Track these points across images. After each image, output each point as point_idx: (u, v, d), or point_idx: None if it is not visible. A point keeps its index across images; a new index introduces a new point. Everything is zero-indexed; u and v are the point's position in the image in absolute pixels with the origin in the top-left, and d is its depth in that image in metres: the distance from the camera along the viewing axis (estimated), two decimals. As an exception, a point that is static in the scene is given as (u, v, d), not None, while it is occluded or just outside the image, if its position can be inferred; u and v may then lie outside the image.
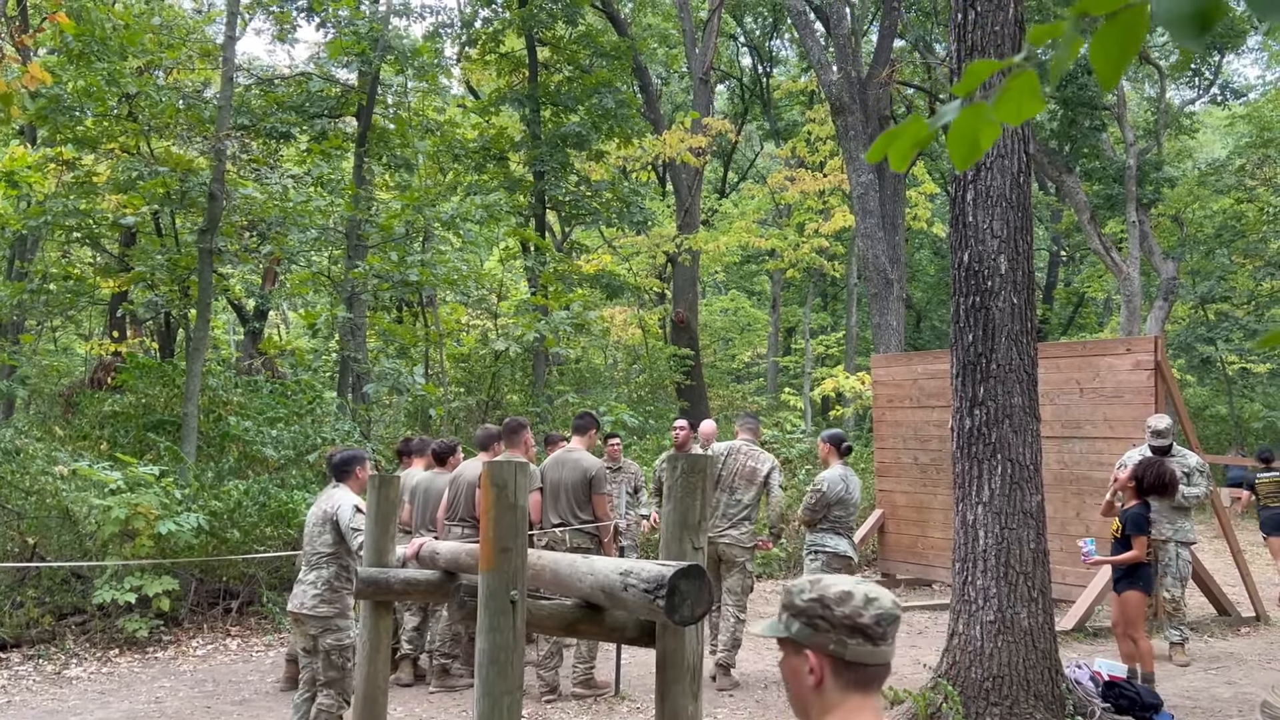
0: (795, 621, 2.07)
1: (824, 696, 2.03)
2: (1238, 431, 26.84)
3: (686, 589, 3.48)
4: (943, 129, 1.49)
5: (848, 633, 2.03)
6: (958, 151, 1.48)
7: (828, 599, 2.05)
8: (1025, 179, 6.84)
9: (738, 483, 8.39)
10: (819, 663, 2.03)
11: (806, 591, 2.08)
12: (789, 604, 2.10)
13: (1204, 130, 35.25)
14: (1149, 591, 7.62)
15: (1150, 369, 10.01)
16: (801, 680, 2.06)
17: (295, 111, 16.51)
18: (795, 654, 2.07)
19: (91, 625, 9.55)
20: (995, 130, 1.43)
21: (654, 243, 22.80)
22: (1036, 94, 1.38)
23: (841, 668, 2.03)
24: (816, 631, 2.04)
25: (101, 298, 18.54)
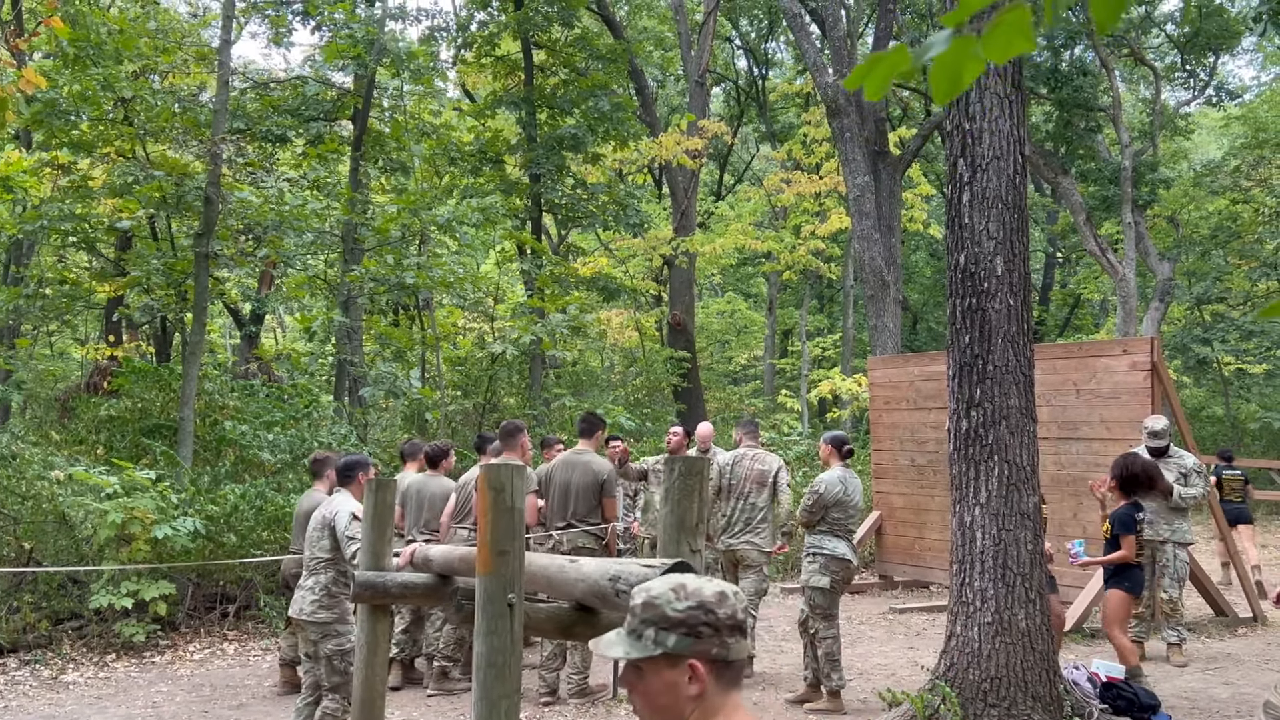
0: (670, 635, 1.98)
1: (706, 703, 1.98)
2: (1234, 432, 26.87)
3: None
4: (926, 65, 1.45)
5: (730, 632, 2.00)
6: (940, 85, 1.41)
7: (708, 603, 2.00)
8: (1021, 181, 6.84)
9: (749, 487, 8.46)
10: (703, 670, 1.97)
11: (677, 600, 2.01)
12: (659, 617, 2.00)
13: (1199, 131, 35.29)
14: (1136, 593, 7.57)
15: (1146, 370, 10.01)
16: (679, 693, 1.98)
17: (291, 115, 16.50)
18: (669, 667, 1.98)
19: (88, 630, 9.54)
20: (979, 65, 1.37)
21: (650, 245, 22.80)
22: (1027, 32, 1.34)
23: (723, 669, 2.00)
24: (699, 639, 1.98)
25: (97, 302, 18.53)
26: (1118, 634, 7.51)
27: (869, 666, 8.93)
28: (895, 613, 11.55)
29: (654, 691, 1.99)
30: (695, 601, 2.00)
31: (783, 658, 9.23)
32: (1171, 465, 8.93)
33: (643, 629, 2.00)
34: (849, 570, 7.66)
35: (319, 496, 8.32)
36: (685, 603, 2.00)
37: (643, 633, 2.00)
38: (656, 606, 2.01)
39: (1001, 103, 6.75)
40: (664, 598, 2.01)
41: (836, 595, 7.61)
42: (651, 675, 2.00)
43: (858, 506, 7.73)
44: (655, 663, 1.99)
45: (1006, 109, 6.76)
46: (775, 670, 8.78)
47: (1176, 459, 9.00)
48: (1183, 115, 30.38)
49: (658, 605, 2.01)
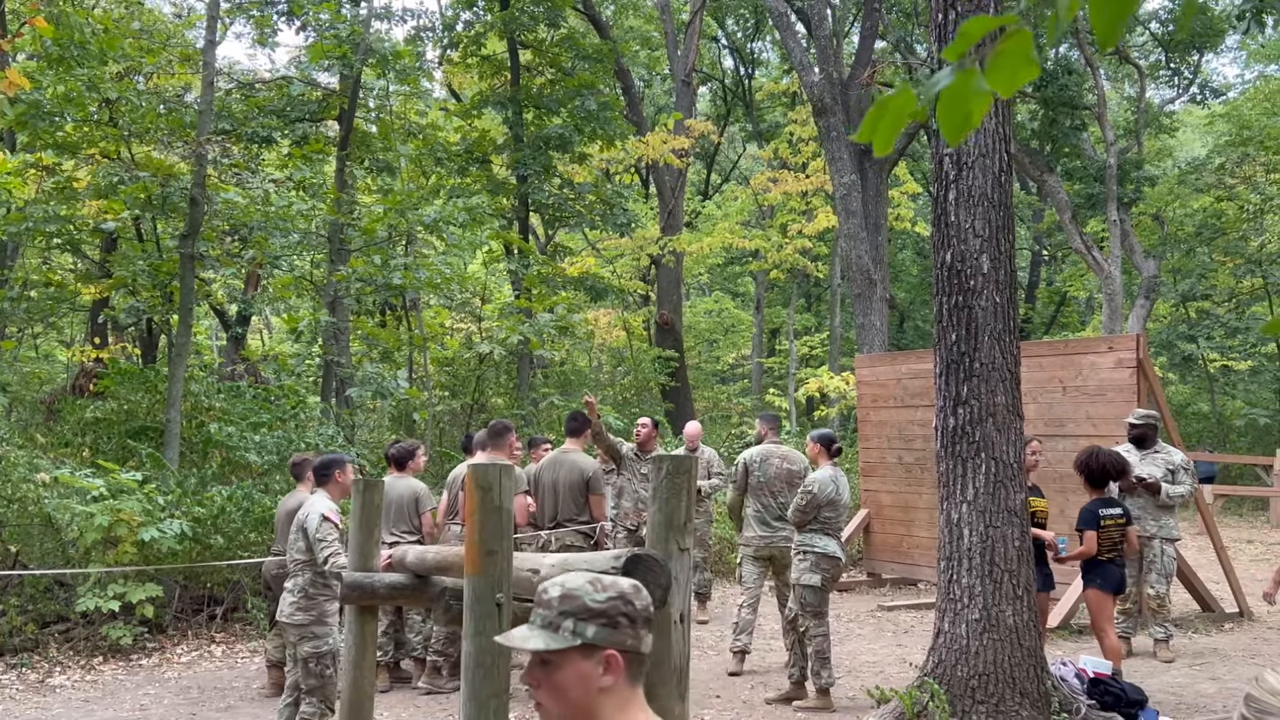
0: (589, 625, 2.00)
1: (615, 695, 2.00)
2: (1220, 429, 26.99)
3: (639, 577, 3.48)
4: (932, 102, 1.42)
5: (644, 624, 2.05)
6: (949, 124, 1.38)
7: (627, 594, 2.04)
8: (1007, 178, 6.87)
9: (777, 485, 8.49)
10: (618, 661, 1.99)
11: (595, 592, 2.03)
12: (579, 608, 2.01)
13: (1184, 129, 35.43)
14: (1109, 589, 7.55)
15: (1132, 367, 10.05)
16: (590, 685, 1.99)
17: (276, 116, 16.46)
18: (584, 658, 2.00)
19: (75, 633, 9.50)
20: (987, 100, 1.36)
21: (638, 245, 22.80)
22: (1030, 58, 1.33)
23: (633, 661, 2.03)
24: (617, 629, 2.01)
25: (83, 304, 18.45)
26: (1107, 632, 7.53)
27: (857, 664, 8.95)
28: (883, 610, 11.57)
29: (566, 684, 2.00)
30: (615, 593, 2.03)
31: (770, 656, 9.24)
32: (1159, 461, 8.91)
33: (560, 620, 2.01)
34: (839, 568, 7.69)
35: (301, 497, 8.35)
36: (605, 594, 2.03)
37: (560, 624, 2.00)
38: (576, 598, 2.02)
39: (987, 101, 6.76)
40: (582, 590, 2.03)
41: (827, 593, 7.63)
42: (565, 668, 2.00)
43: (847, 505, 7.75)
44: (569, 655, 2.00)
45: (992, 107, 6.78)
46: (763, 668, 8.79)
47: (1164, 454, 8.98)
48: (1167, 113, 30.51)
49: (577, 597, 2.02)
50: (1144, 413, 9.09)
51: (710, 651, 9.41)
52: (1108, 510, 7.60)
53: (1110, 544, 7.56)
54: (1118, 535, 7.59)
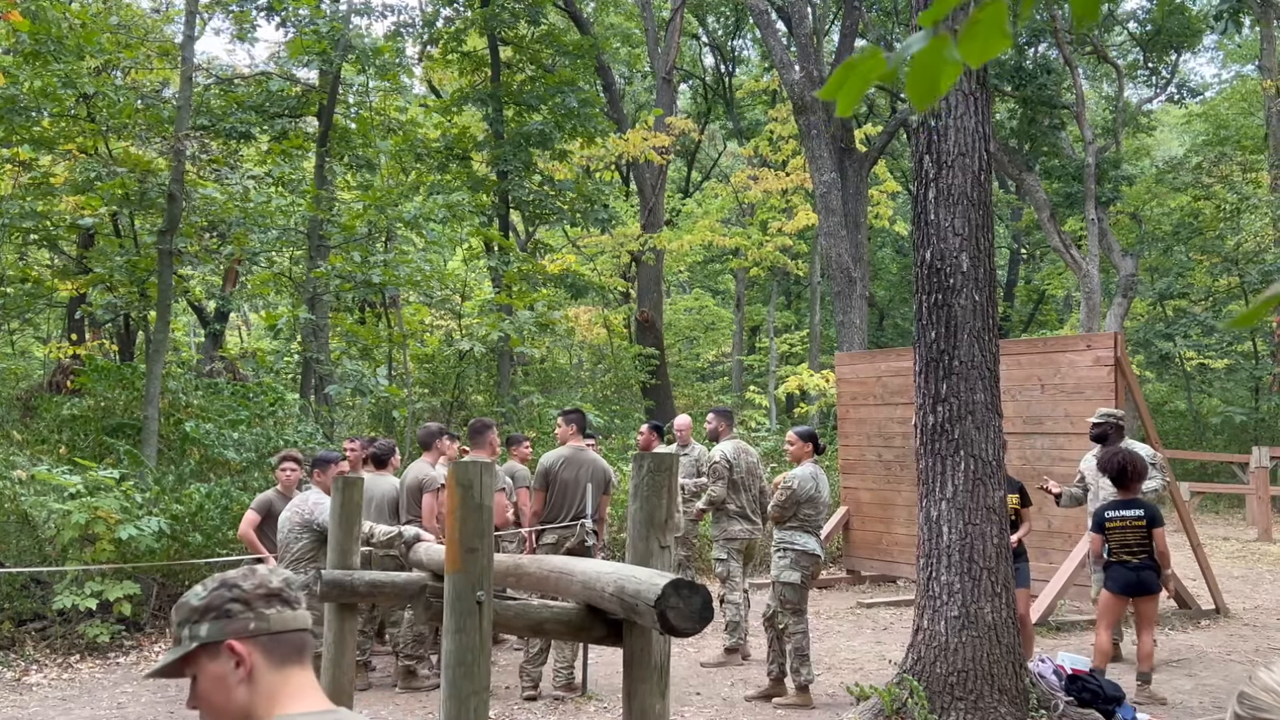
0: (201, 625, 1.87)
1: (260, 685, 1.86)
2: (1196, 426, 27.17)
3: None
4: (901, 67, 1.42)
5: (264, 602, 1.90)
6: (916, 90, 1.38)
7: (231, 580, 1.91)
8: (986, 177, 6.89)
9: (750, 480, 8.88)
10: (245, 648, 1.86)
11: (199, 593, 1.91)
12: (188, 613, 1.89)
13: (1161, 129, 35.65)
14: (1119, 591, 7.53)
15: (1110, 365, 10.10)
16: (228, 683, 1.86)
17: (255, 111, 16.38)
18: (211, 659, 1.86)
19: (52, 631, 9.44)
20: (957, 70, 1.34)
21: (618, 242, 22.80)
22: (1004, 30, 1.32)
23: (270, 644, 1.88)
24: (231, 618, 1.87)
25: (60, 300, 18.34)
26: (1099, 631, 7.60)
27: (837, 661, 8.97)
28: (863, 607, 11.60)
29: (206, 693, 1.88)
30: (215, 586, 1.91)
31: (751, 653, 9.26)
32: None
33: (180, 632, 1.90)
34: (818, 565, 7.71)
35: None
36: (206, 592, 1.91)
37: (180, 635, 1.90)
38: (184, 605, 1.91)
39: (967, 100, 6.79)
40: (190, 595, 1.92)
41: (806, 590, 7.65)
42: (201, 677, 1.89)
43: (826, 503, 7.77)
44: (198, 660, 1.88)
45: (972, 106, 6.81)
46: (743, 665, 8.81)
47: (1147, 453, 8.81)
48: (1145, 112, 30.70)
49: (185, 603, 1.91)
50: (1105, 411, 8.87)
51: (689, 649, 9.42)
52: (1115, 512, 7.58)
53: (1121, 545, 7.56)
54: (1131, 537, 7.54)
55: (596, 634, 4.21)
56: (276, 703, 1.86)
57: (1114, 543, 7.55)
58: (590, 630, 4.22)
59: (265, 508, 8.45)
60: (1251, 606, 11.24)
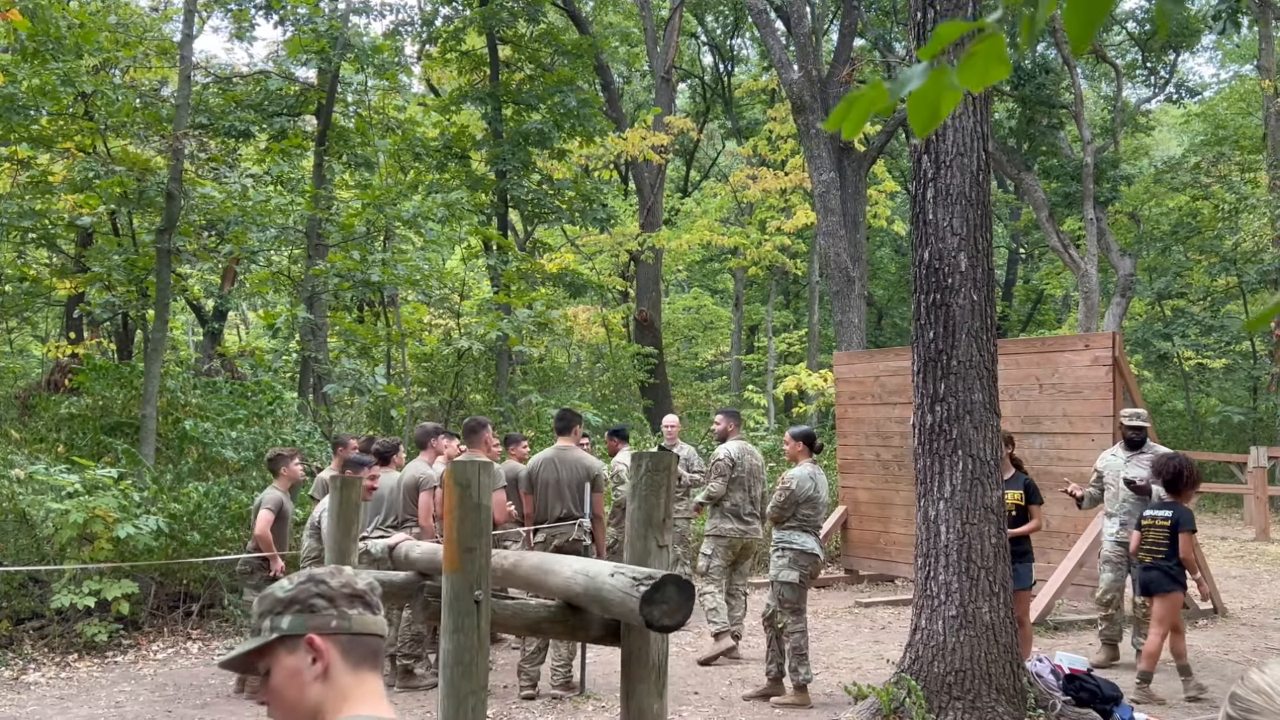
0: (284, 616, 1.86)
1: (334, 684, 1.83)
2: (1194, 426, 27.18)
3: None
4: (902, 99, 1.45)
5: (348, 602, 1.88)
6: (918, 118, 1.41)
7: (318, 575, 1.90)
8: (985, 177, 6.89)
9: (751, 481, 8.97)
10: (324, 644, 1.84)
11: (286, 586, 1.90)
12: (271, 604, 1.88)
13: (1160, 128, 35.65)
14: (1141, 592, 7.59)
15: (1109, 365, 10.11)
16: (303, 678, 1.82)
17: (254, 110, 16.38)
18: (289, 652, 1.84)
19: (49, 630, 9.44)
20: (957, 96, 1.38)
21: (617, 241, 22.79)
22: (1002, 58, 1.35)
23: (349, 644, 1.86)
24: (314, 613, 1.85)
25: (58, 299, 18.33)
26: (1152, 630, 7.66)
27: (835, 660, 8.98)
28: (861, 607, 11.61)
29: (280, 686, 1.85)
30: (304, 577, 1.90)
31: (747, 651, 9.26)
32: (1143, 461, 8.52)
33: (260, 623, 1.88)
34: (817, 565, 7.71)
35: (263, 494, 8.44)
36: (294, 581, 1.90)
37: (260, 627, 1.88)
38: (268, 596, 1.90)
39: (965, 100, 6.79)
40: (276, 587, 1.91)
41: (805, 590, 7.65)
42: (275, 669, 1.86)
43: (825, 503, 7.77)
44: (275, 654, 1.86)
45: (970, 106, 6.81)
46: (741, 665, 8.81)
47: (1151, 455, 8.57)
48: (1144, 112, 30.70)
49: (270, 594, 1.90)
50: (1135, 412, 8.82)
51: (688, 648, 9.42)
52: (1151, 512, 7.65)
53: (1144, 544, 7.61)
54: (1153, 536, 7.59)
55: (594, 633, 4.22)
56: (348, 704, 1.83)
57: (1143, 542, 7.62)
58: (587, 629, 4.23)
59: (279, 506, 8.47)
60: (1249, 606, 11.24)
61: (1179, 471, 7.62)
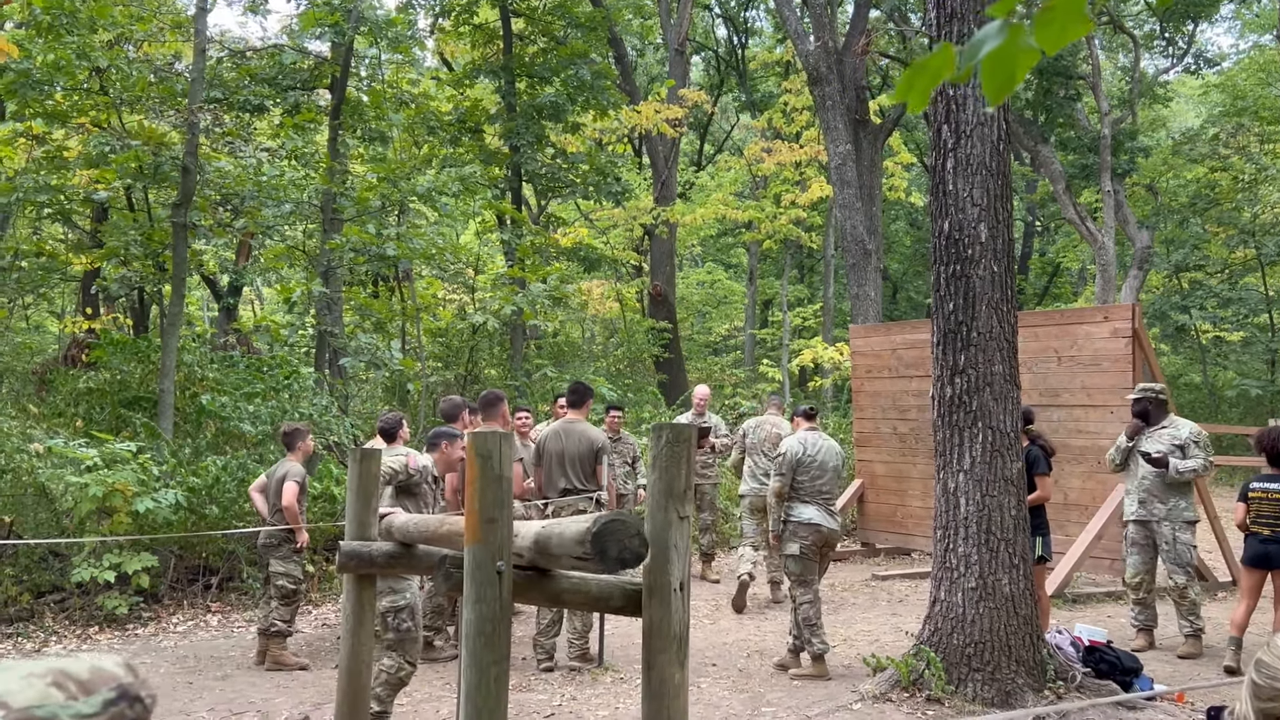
0: None
1: None
2: (1212, 399, 27.07)
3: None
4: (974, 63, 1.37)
5: None
6: (993, 82, 1.32)
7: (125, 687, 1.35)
8: (1005, 147, 6.84)
9: (766, 446, 10.04)
10: None
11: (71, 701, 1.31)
12: None
13: (1178, 99, 35.37)
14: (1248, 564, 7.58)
15: (1128, 337, 10.05)
16: None
17: (268, 84, 16.32)
18: None
19: (70, 603, 9.50)
20: (1034, 57, 1.31)
21: (631, 215, 22.73)
22: (1082, 15, 1.27)
23: None
24: None
25: (74, 275, 18.36)
26: (1240, 602, 7.59)
27: (853, 633, 8.98)
28: (878, 580, 11.61)
29: None
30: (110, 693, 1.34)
31: (766, 625, 9.28)
32: (1164, 436, 8.33)
33: None
34: (819, 534, 7.60)
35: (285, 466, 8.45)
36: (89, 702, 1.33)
37: None
38: None
39: (985, 68, 6.72)
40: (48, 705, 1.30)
41: (809, 560, 7.61)
42: None
43: (825, 466, 7.66)
44: None
45: (990, 75, 6.74)
46: (760, 637, 8.82)
47: (1171, 429, 8.38)
48: (1161, 83, 30.44)
49: None
50: (1144, 386, 8.64)
51: (705, 620, 9.44)
52: (1260, 484, 7.57)
53: (1258, 516, 7.56)
54: (1267, 509, 7.54)
55: (615, 604, 4.21)
56: None
57: (1252, 514, 7.59)
58: (609, 600, 4.22)
59: (303, 478, 8.52)
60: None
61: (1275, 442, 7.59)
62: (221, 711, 6.91)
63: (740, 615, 9.73)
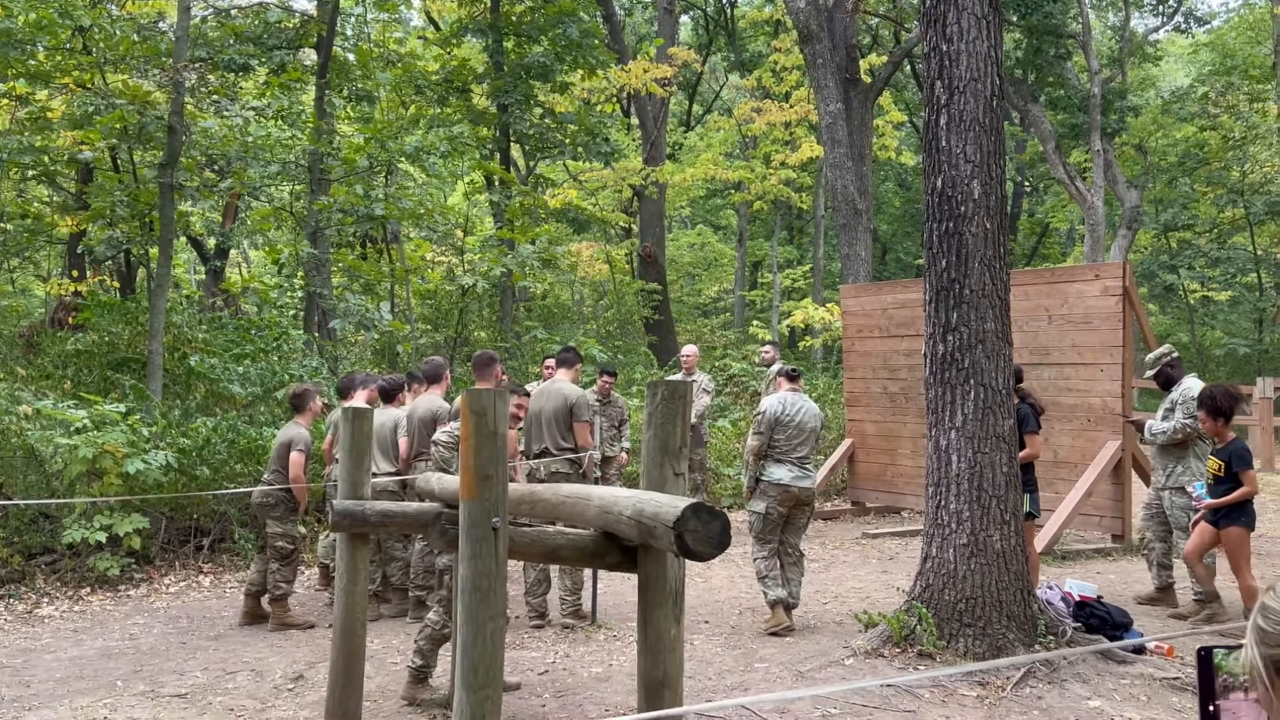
0: None
1: None
2: (1200, 359, 27.16)
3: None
4: None
5: None
6: None
7: None
8: (998, 103, 6.80)
9: None
10: None
11: None
12: None
13: (1167, 59, 35.27)
14: (1252, 526, 7.42)
15: (1118, 295, 10.06)
16: None
17: (253, 43, 16.16)
18: None
19: (61, 565, 9.49)
20: None
21: (620, 176, 22.63)
22: None
23: None
24: None
25: (59, 237, 18.23)
26: (1244, 572, 7.37)
27: (844, 590, 9.02)
28: (868, 538, 11.66)
29: None
30: None
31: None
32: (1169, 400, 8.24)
33: None
34: (789, 494, 7.62)
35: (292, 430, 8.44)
36: None
37: None
38: None
39: (979, 24, 6.68)
40: None
41: (773, 520, 7.63)
42: None
43: (804, 427, 7.66)
44: None
45: (984, 30, 6.70)
46: (752, 595, 8.86)
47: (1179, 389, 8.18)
48: (1151, 42, 30.34)
49: None
50: (1155, 355, 8.46)
51: (697, 579, 9.48)
52: None
53: None
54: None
55: (611, 560, 4.22)
56: None
57: None
58: (605, 556, 4.23)
59: (308, 446, 8.51)
60: (1256, 535, 11.24)
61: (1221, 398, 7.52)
62: (215, 671, 6.92)
63: (733, 574, 9.77)
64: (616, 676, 6.58)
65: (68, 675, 6.90)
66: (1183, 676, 6.11)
